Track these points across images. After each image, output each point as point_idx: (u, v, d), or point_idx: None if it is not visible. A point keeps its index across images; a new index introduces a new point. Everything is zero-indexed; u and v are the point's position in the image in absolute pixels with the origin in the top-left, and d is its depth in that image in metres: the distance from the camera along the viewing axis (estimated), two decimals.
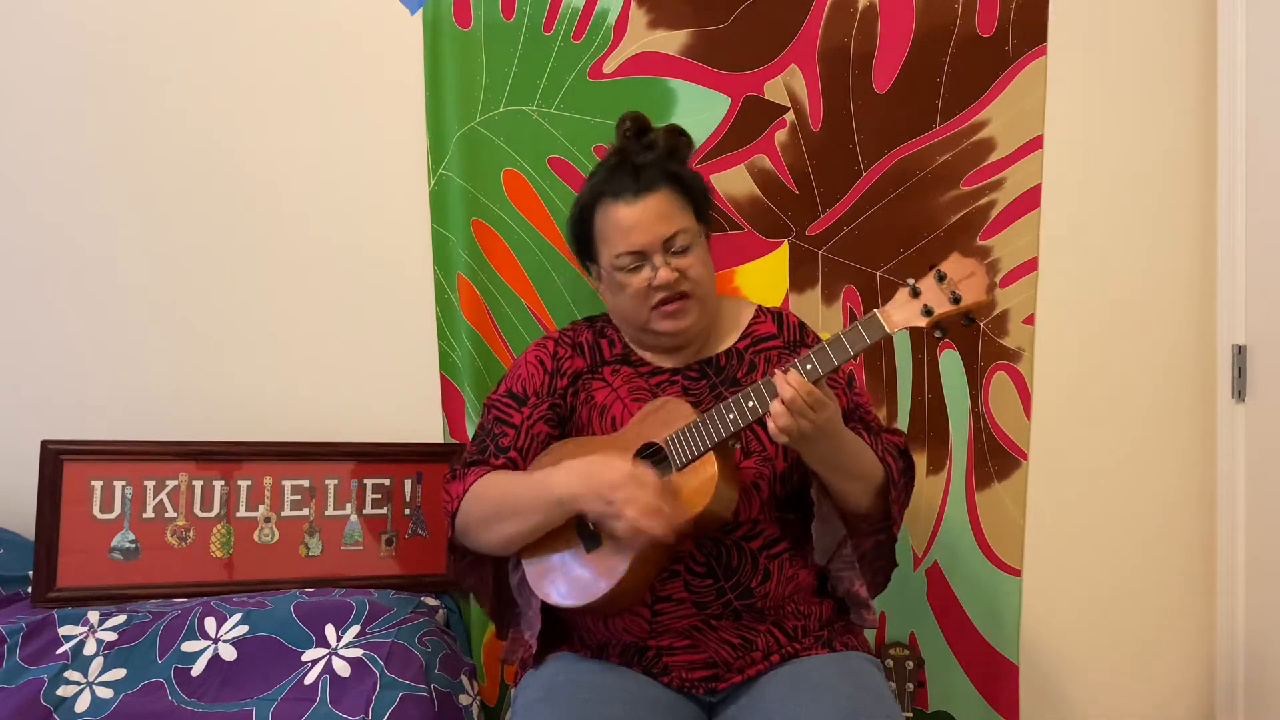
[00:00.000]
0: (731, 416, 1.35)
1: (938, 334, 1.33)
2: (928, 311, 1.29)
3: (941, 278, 1.29)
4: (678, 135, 1.57)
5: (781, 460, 1.48)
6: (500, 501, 1.44)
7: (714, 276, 1.57)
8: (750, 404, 1.35)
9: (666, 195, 1.51)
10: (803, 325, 1.62)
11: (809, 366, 1.32)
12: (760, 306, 1.63)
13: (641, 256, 1.49)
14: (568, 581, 1.42)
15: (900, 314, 1.31)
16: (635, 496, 1.31)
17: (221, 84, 1.89)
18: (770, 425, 1.32)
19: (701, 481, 1.37)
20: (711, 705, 1.45)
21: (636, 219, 1.49)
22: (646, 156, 1.52)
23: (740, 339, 1.57)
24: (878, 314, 1.32)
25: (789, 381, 1.30)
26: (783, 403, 1.30)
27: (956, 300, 1.28)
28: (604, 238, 1.53)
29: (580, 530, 1.42)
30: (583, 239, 1.58)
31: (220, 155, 1.89)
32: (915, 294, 1.31)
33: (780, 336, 1.58)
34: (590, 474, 1.36)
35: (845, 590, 1.51)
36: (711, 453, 1.38)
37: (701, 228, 1.56)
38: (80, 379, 1.87)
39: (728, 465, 1.40)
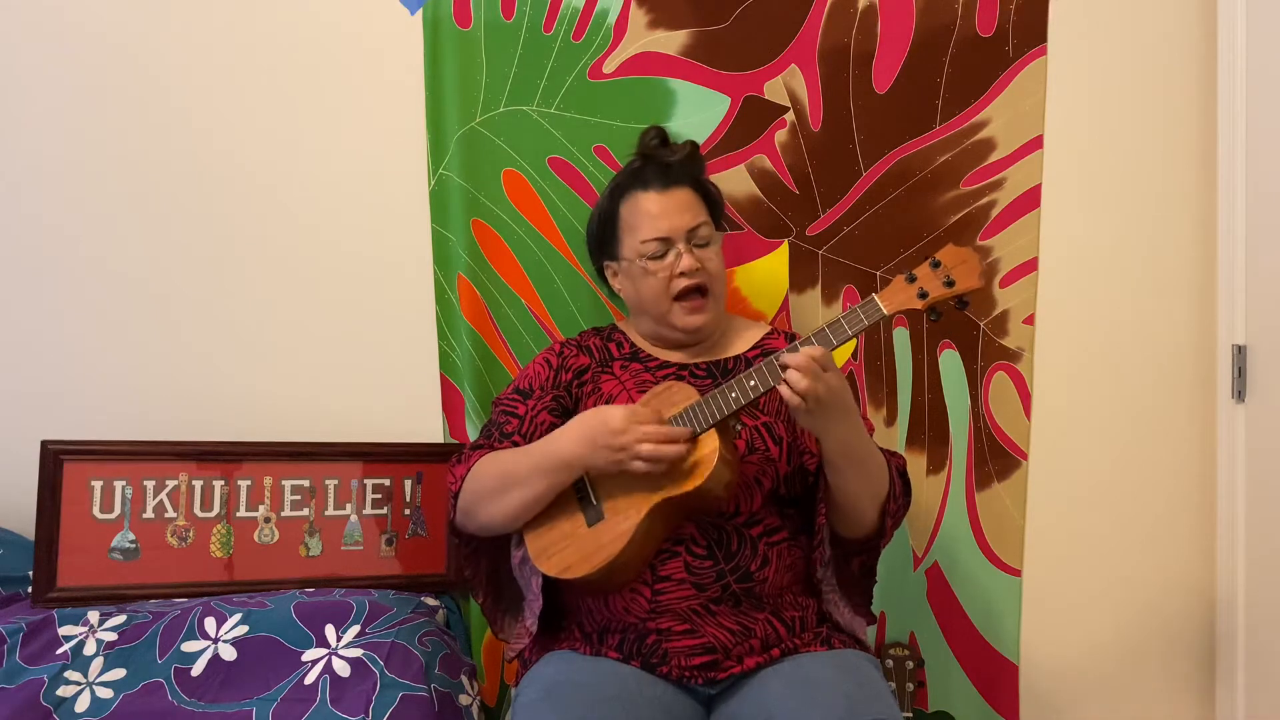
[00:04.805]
0: (734, 395, 1.40)
1: (933, 317, 1.40)
2: (923, 295, 1.38)
3: (936, 265, 1.38)
4: (696, 147, 1.69)
5: (785, 464, 1.51)
6: (503, 473, 1.48)
7: (726, 278, 1.66)
8: (752, 383, 1.39)
9: (691, 192, 1.62)
10: None
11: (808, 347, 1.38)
12: (775, 328, 1.69)
13: (666, 243, 1.57)
14: (569, 553, 1.44)
15: (896, 298, 1.38)
16: (638, 432, 1.38)
17: (222, 85, 1.89)
18: (784, 391, 1.35)
19: (703, 455, 1.41)
20: (710, 699, 1.46)
21: (664, 206, 1.58)
22: (673, 156, 1.64)
23: (751, 349, 1.62)
24: (875, 298, 1.39)
25: (792, 357, 1.35)
26: (793, 368, 1.34)
27: (950, 284, 1.36)
28: (630, 226, 1.60)
29: (582, 503, 1.46)
30: (605, 234, 1.65)
31: (220, 156, 1.89)
32: (911, 280, 1.39)
33: None
34: (588, 429, 1.42)
35: (836, 615, 1.52)
36: (714, 430, 1.41)
37: (718, 233, 1.65)
38: (80, 379, 1.87)
39: (729, 446, 1.43)
